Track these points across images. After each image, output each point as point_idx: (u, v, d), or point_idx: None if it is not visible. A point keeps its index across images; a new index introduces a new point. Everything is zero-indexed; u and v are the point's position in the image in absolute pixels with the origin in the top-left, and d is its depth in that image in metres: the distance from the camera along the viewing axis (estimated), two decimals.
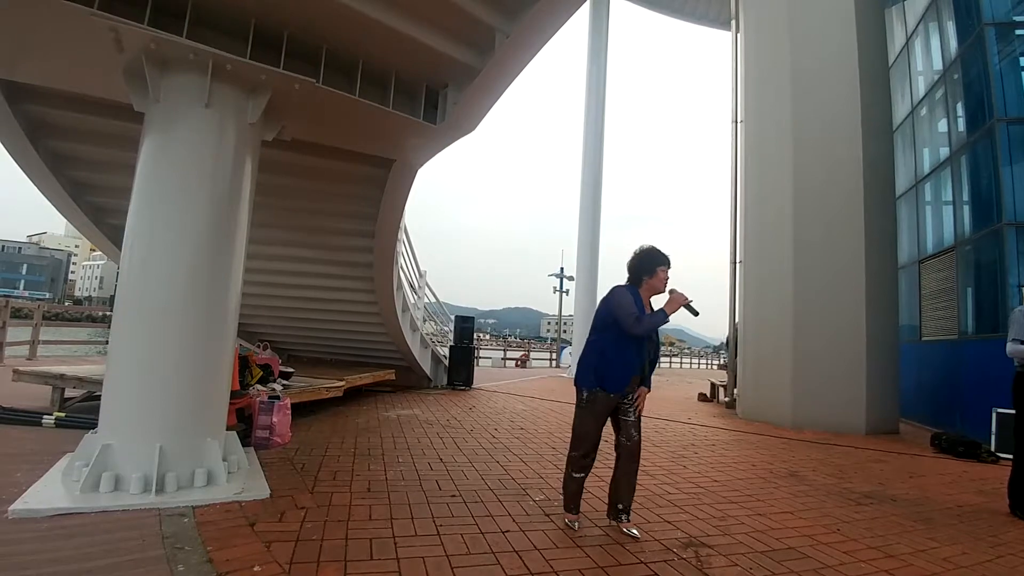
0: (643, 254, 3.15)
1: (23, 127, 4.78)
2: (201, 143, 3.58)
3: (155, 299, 3.41)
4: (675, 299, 3.01)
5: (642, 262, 3.13)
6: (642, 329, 2.95)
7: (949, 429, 7.25)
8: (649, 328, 2.98)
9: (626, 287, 3.14)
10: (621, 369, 3.05)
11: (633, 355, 3.06)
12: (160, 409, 3.35)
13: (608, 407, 3.08)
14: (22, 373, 5.53)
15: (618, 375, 3.04)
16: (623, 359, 3.05)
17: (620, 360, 3.05)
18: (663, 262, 3.10)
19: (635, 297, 3.07)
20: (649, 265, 3.11)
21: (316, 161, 5.43)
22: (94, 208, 6.10)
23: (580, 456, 3.11)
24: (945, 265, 8.56)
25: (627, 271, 3.21)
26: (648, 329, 2.98)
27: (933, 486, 4.68)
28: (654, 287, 3.11)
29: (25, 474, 3.28)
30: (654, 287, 3.11)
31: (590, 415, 3.08)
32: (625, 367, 3.05)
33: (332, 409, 6.58)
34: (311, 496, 3.31)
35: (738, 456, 5.43)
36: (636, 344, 3.05)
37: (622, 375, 3.05)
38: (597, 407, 3.06)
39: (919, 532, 3.38)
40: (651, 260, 3.11)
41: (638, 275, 3.14)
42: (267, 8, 3.78)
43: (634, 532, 3.01)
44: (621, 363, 3.04)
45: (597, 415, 3.07)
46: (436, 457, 4.55)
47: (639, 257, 3.15)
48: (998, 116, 7.21)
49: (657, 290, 3.11)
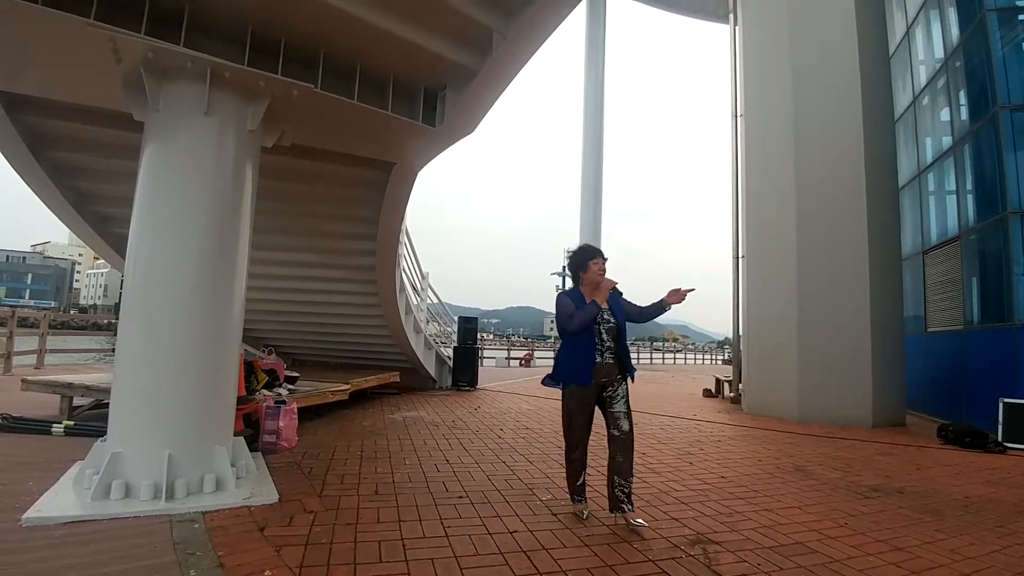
0: (574, 254, 3.37)
1: (24, 138, 4.79)
2: (201, 151, 3.60)
3: (159, 307, 3.43)
4: (603, 286, 3.20)
5: (574, 261, 3.35)
6: (575, 325, 3.14)
7: (955, 420, 7.21)
8: (582, 322, 3.14)
9: (566, 292, 3.37)
10: (579, 363, 3.19)
11: (582, 349, 3.19)
12: (168, 416, 3.37)
13: (585, 400, 3.19)
14: (31, 383, 5.58)
15: (577, 370, 3.19)
16: (573, 356, 3.21)
17: (571, 358, 3.22)
18: (593, 255, 3.29)
19: (575, 297, 3.27)
20: (580, 262, 3.31)
21: (317, 165, 5.44)
22: (97, 217, 6.12)
23: (569, 451, 3.29)
24: (950, 255, 8.51)
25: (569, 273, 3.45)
26: (582, 322, 3.14)
27: (940, 478, 4.66)
28: (591, 280, 3.26)
29: (37, 482, 3.32)
30: (591, 280, 3.26)
31: (568, 409, 3.24)
32: (577, 362, 3.19)
33: (338, 412, 6.61)
34: (319, 500, 3.33)
35: (744, 452, 5.43)
36: (584, 339, 3.19)
37: (578, 369, 3.19)
38: (573, 401, 3.21)
39: (926, 524, 3.37)
40: (581, 257, 3.31)
41: (575, 274, 3.37)
42: (265, 15, 3.79)
43: (640, 522, 3.07)
44: (576, 358, 3.20)
45: (575, 408, 3.21)
46: (443, 458, 4.57)
47: (571, 257, 3.38)
48: (1001, 103, 7.14)
49: (595, 282, 3.25)
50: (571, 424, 3.23)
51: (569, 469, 3.32)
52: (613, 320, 3.25)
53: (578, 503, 3.29)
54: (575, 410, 3.21)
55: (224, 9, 3.72)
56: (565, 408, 3.25)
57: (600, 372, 3.19)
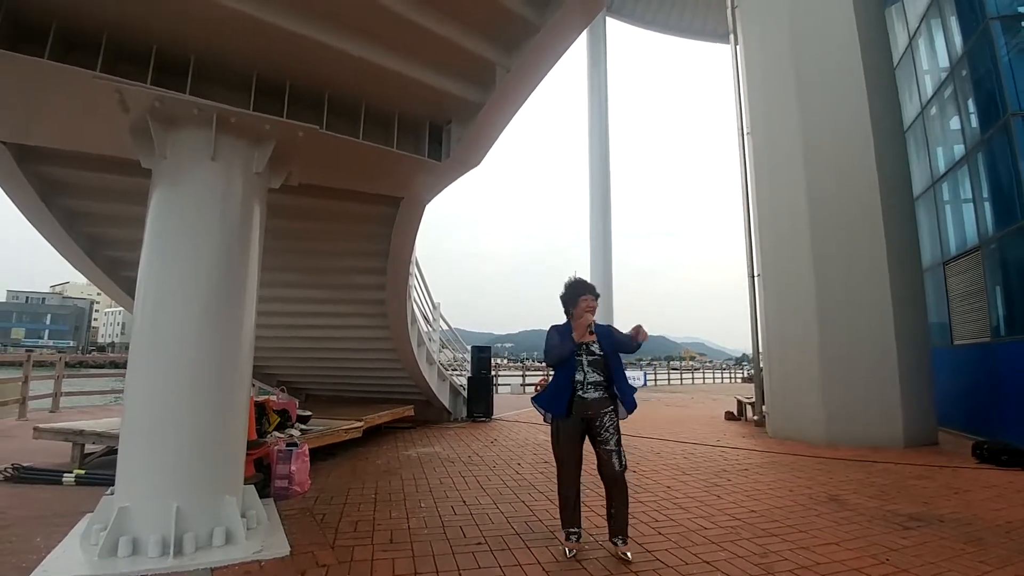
0: (567, 290, 3.43)
1: (35, 187, 4.84)
2: (208, 196, 3.58)
3: (167, 353, 3.37)
4: (579, 324, 3.23)
5: (565, 296, 3.42)
6: (553, 358, 3.25)
7: (989, 436, 6.94)
8: (560, 355, 3.21)
9: (556, 326, 3.42)
10: (556, 395, 3.24)
11: (565, 380, 3.23)
12: (175, 466, 3.27)
13: (568, 432, 3.21)
14: (43, 430, 5.54)
15: (554, 401, 3.25)
16: (556, 386, 3.26)
17: (554, 388, 3.28)
18: (583, 291, 3.34)
19: (563, 331, 3.32)
20: (572, 298, 3.37)
21: (324, 203, 5.44)
22: (109, 261, 6.15)
23: (560, 486, 3.29)
24: (971, 265, 8.30)
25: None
26: (560, 356, 3.21)
27: (979, 501, 4.46)
28: (580, 316, 3.29)
29: (45, 538, 3.26)
30: (580, 316, 3.29)
31: (557, 442, 3.27)
32: (558, 393, 3.23)
33: (351, 450, 6.48)
34: (332, 551, 3.21)
35: (774, 481, 5.21)
36: (567, 370, 3.23)
37: (558, 400, 3.23)
38: (557, 431, 3.25)
39: (969, 556, 3.20)
40: (572, 293, 3.38)
41: (567, 309, 3.43)
42: (269, 60, 3.81)
43: (627, 555, 3.10)
44: (555, 390, 3.26)
45: (563, 441, 3.23)
46: (459, 499, 4.43)
47: (564, 293, 3.44)
48: (1012, 110, 7.05)
49: (583, 318, 3.27)
50: (557, 455, 3.27)
51: (561, 503, 3.29)
52: (600, 352, 3.24)
53: (569, 540, 3.22)
54: (558, 441, 3.24)
55: (229, 56, 3.75)
56: (552, 439, 3.30)
57: (582, 406, 3.19)
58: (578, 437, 3.22)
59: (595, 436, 3.20)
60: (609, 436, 3.17)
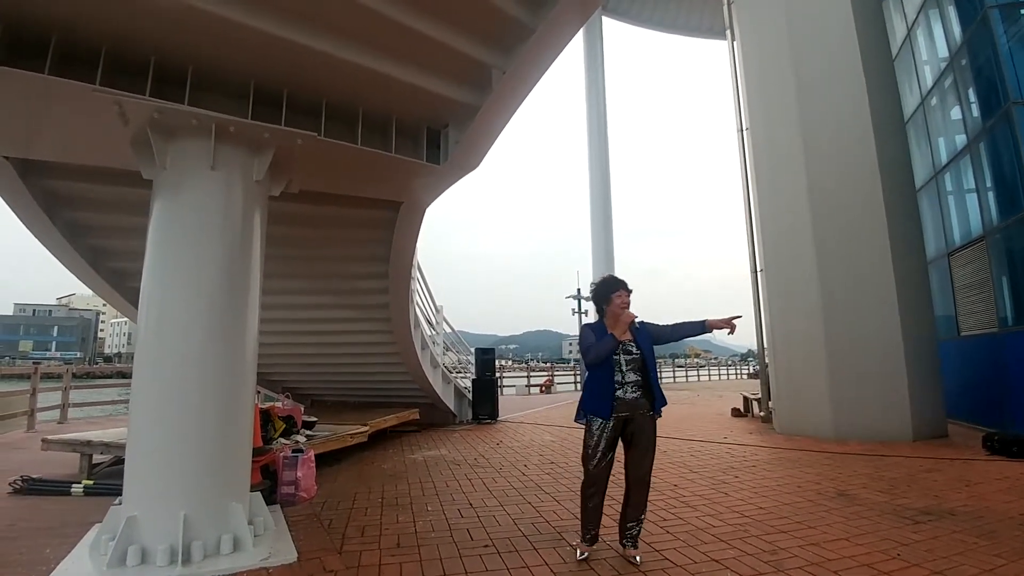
0: (597, 286, 3.34)
1: (39, 201, 4.87)
2: (209, 205, 3.60)
3: (171, 362, 3.39)
4: (621, 321, 3.16)
5: (597, 294, 3.33)
6: (591, 358, 3.13)
7: (998, 427, 6.90)
8: (598, 355, 3.11)
9: (589, 324, 3.36)
10: (599, 397, 3.14)
11: (606, 381, 3.13)
12: (182, 475, 3.30)
13: (605, 433, 3.11)
14: (51, 442, 5.57)
15: (597, 403, 3.15)
16: (598, 387, 3.16)
17: (596, 389, 3.17)
18: (617, 288, 3.24)
19: (597, 329, 3.25)
20: (604, 294, 3.27)
21: (325, 209, 5.46)
22: (113, 273, 6.18)
23: (586, 485, 3.19)
24: (976, 256, 8.25)
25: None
26: (598, 356, 3.11)
27: (991, 494, 4.41)
28: (614, 312, 3.21)
29: (54, 549, 3.27)
30: (614, 312, 3.21)
31: (589, 442, 3.16)
32: (601, 394, 3.14)
33: (357, 455, 6.48)
34: (339, 557, 3.21)
35: (782, 477, 5.18)
36: (606, 370, 3.14)
37: (601, 401, 3.13)
38: (594, 433, 3.14)
39: (983, 549, 3.16)
40: (605, 290, 3.27)
41: (599, 306, 3.34)
42: (266, 68, 3.82)
43: (637, 560, 3.08)
44: (597, 391, 3.16)
45: (596, 441, 3.13)
46: (466, 502, 4.42)
47: (595, 290, 3.35)
48: (1014, 99, 7.00)
49: (618, 315, 3.19)
50: (590, 455, 3.15)
51: (584, 501, 3.21)
52: (637, 352, 3.17)
53: (585, 543, 3.19)
54: (595, 443, 3.13)
55: (226, 66, 3.76)
56: (586, 440, 3.18)
57: (622, 406, 3.11)
58: (614, 439, 3.14)
59: (630, 437, 3.15)
60: (646, 437, 3.14)
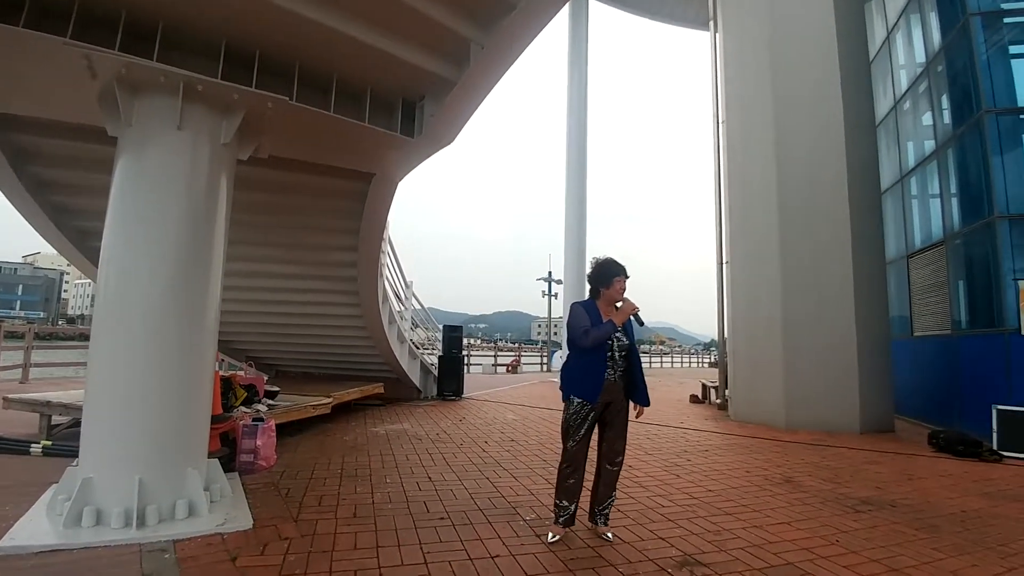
0: (599, 267, 3.27)
1: (7, 154, 4.72)
2: (174, 165, 3.51)
3: (130, 324, 3.33)
4: (624, 309, 3.17)
5: (598, 274, 3.26)
6: (589, 342, 3.06)
7: (946, 426, 7.17)
8: (597, 340, 3.07)
9: (581, 303, 3.28)
10: (588, 380, 3.13)
11: (597, 364, 3.12)
12: (139, 439, 3.27)
13: (586, 415, 3.12)
14: (12, 400, 5.50)
15: (587, 386, 3.12)
16: (588, 370, 3.13)
17: (584, 372, 3.14)
18: (618, 272, 3.22)
19: (590, 310, 3.19)
20: (605, 277, 3.22)
21: (295, 177, 5.36)
22: (77, 232, 6.00)
23: (563, 463, 3.19)
24: (935, 259, 8.52)
25: (588, 284, 3.35)
26: (596, 340, 3.07)
27: (934, 489, 4.54)
28: (611, 297, 3.21)
29: (13, 507, 3.25)
30: (611, 297, 3.21)
31: (569, 423, 3.16)
32: (591, 377, 3.12)
33: (320, 427, 6.47)
34: (295, 525, 3.23)
35: (732, 462, 5.37)
36: (597, 354, 3.12)
37: (591, 385, 3.12)
38: (575, 414, 3.13)
39: (922, 542, 3.25)
40: (607, 272, 3.23)
41: (596, 287, 3.28)
42: (238, 28, 3.71)
43: (608, 536, 3.15)
44: (586, 374, 3.13)
45: (577, 423, 3.13)
46: (425, 475, 4.47)
47: (596, 270, 3.28)
48: (987, 107, 7.11)
49: (614, 300, 3.21)
50: (568, 435, 3.15)
51: (560, 479, 3.17)
52: (626, 340, 3.21)
53: (559, 525, 3.15)
54: (576, 424, 3.13)
55: (198, 23, 3.65)
56: (565, 420, 3.17)
57: (607, 390, 3.15)
58: (594, 422, 3.16)
59: (608, 422, 3.21)
60: (621, 420, 3.21)
